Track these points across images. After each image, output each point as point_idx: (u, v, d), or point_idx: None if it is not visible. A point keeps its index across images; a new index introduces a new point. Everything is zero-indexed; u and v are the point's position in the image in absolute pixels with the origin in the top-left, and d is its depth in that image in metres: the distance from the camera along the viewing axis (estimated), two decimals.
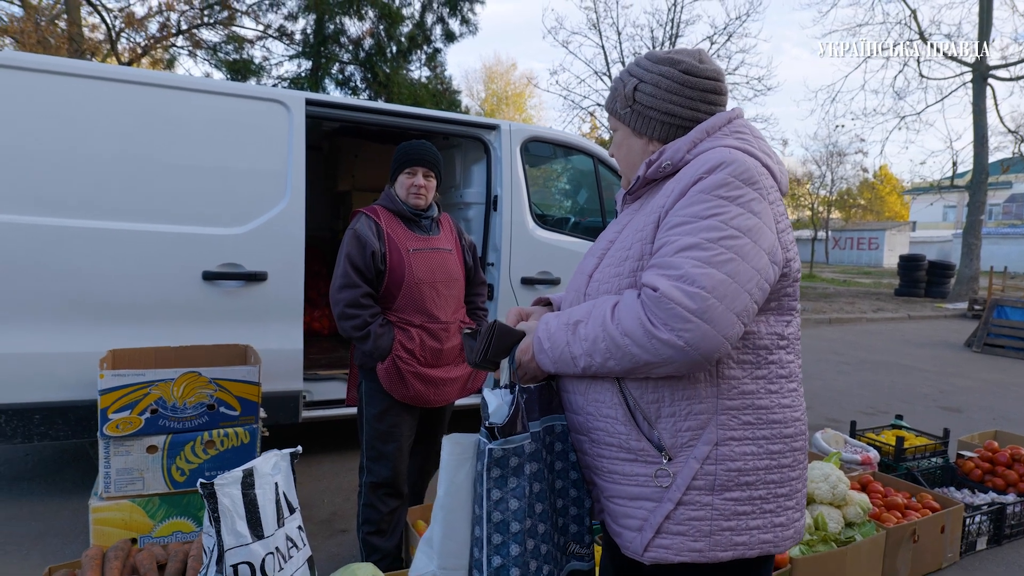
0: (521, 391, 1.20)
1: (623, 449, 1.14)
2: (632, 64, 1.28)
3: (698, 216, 1.05)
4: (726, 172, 1.06)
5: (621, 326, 1.06)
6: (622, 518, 1.15)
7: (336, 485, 3.47)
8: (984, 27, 15.18)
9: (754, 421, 1.11)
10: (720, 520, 1.09)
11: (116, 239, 2.92)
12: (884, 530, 2.57)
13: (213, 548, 1.59)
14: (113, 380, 2.40)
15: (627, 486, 1.14)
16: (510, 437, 1.15)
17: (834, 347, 8.91)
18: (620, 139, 1.30)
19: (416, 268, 2.34)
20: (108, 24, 11.57)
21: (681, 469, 1.09)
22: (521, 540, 1.13)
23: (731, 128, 1.19)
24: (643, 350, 1.03)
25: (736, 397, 1.10)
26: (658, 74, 1.21)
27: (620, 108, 1.26)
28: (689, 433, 1.10)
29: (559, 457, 1.23)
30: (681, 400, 1.10)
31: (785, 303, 1.15)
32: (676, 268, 1.02)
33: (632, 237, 1.17)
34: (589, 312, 1.13)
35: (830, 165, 30.40)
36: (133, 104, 2.98)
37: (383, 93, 10.73)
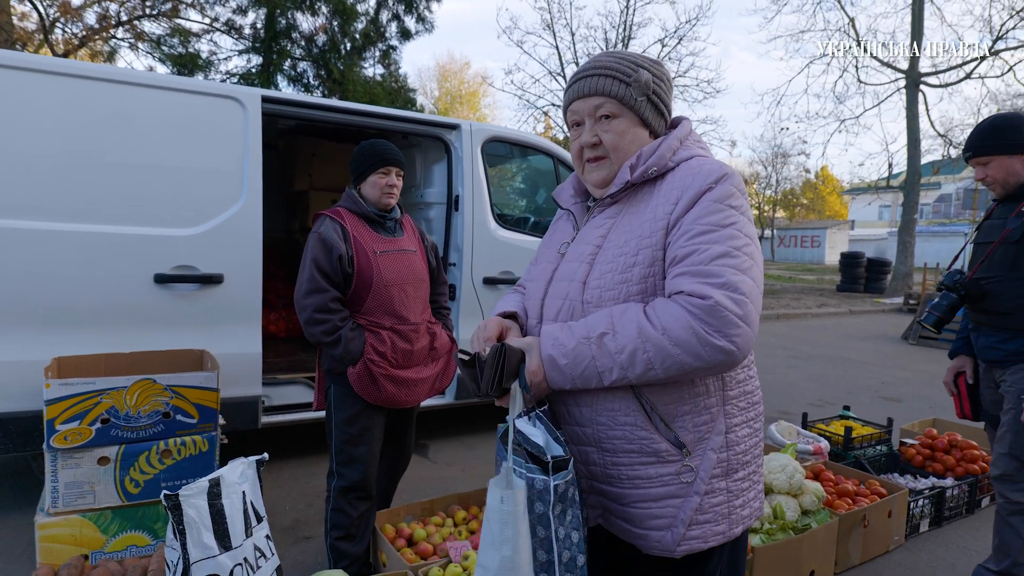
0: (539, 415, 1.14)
1: (644, 453, 1.16)
2: (626, 56, 1.28)
3: (720, 224, 1.12)
4: (730, 183, 1.15)
5: (670, 335, 1.07)
6: (648, 519, 1.17)
7: (298, 491, 3.40)
8: (916, 36, 16.02)
9: (746, 406, 1.23)
10: (733, 500, 1.19)
11: (60, 241, 2.77)
12: (837, 516, 2.68)
13: (177, 561, 1.54)
14: (60, 389, 2.28)
15: (651, 488, 1.16)
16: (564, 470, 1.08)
17: (783, 342, 9.25)
18: (623, 127, 1.26)
19: (384, 270, 2.32)
20: (41, 13, 10.96)
21: (701, 462, 1.16)
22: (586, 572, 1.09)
23: (693, 139, 1.29)
24: (696, 358, 1.06)
25: (735, 387, 1.21)
26: (663, 72, 1.29)
27: (636, 95, 1.24)
28: (704, 427, 1.17)
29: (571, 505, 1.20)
30: (695, 397, 1.16)
31: None
32: (718, 276, 1.07)
33: (635, 244, 1.17)
34: (611, 323, 1.12)
35: (775, 166, 31.57)
36: (78, 99, 2.83)
37: (337, 91, 10.52)
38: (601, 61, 1.27)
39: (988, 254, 2.32)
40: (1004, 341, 2.30)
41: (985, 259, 2.32)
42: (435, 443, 4.25)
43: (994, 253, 2.31)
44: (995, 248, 2.30)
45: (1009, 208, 2.35)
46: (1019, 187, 2.32)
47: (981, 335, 2.40)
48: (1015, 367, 2.29)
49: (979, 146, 2.33)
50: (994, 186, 2.36)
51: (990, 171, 2.33)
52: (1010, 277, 2.26)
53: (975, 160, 2.36)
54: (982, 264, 2.33)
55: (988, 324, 2.36)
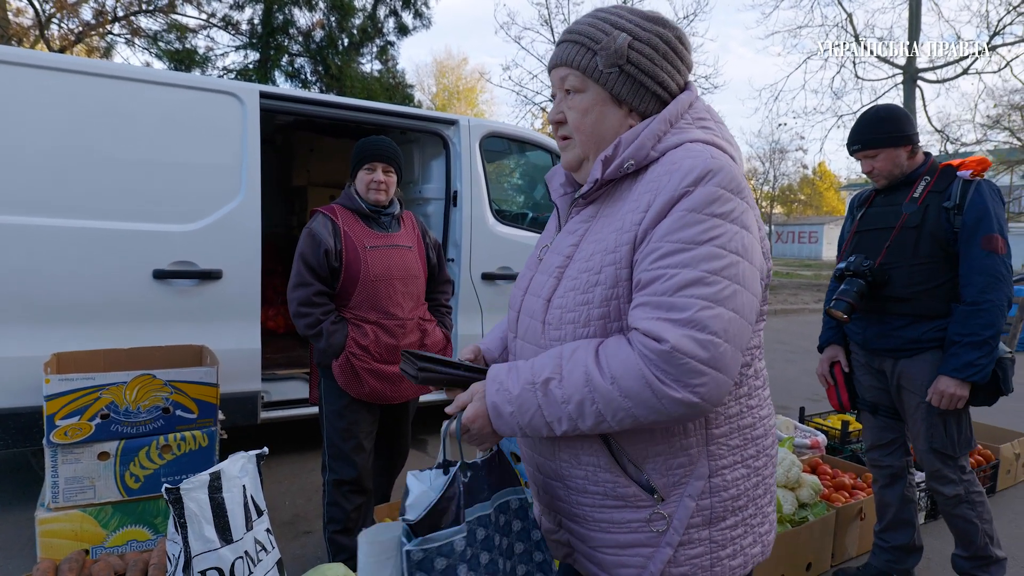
0: (463, 469, 1.01)
1: (609, 496, 1.02)
2: (605, 15, 1.04)
3: (694, 242, 0.90)
4: (714, 184, 0.92)
5: (619, 385, 0.89)
6: (616, 567, 1.04)
7: (297, 486, 3.41)
8: (913, 32, 16.02)
9: (741, 443, 1.03)
10: (719, 551, 1.02)
11: (60, 237, 2.77)
12: (834, 510, 2.70)
13: (179, 555, 1.55)
14: (60, 385, 2.28)
15: (618, 534, 1.02)
16: (432, 534, 0.96)
17: (780, 337, 9.27)
18: (588, 103, 1.05)
19: (372, 265, 2.33)
20: (36, 8, 10.90)
21: (676, 510, 0.99)
22: None
23: (693, 115, 1.04)
24: (650, 411, 0.89)
25: (723, 424, 1.01)
26: (654, 34, 1.03)
27: (603, 66, 1.02)
28: (681, 471, 0.99)
29: (519, 538, 1.07)
30: (670, 438, 0.99)
31: (762, 310, 1.05)
32: (681, 310, 0.88)
33: (600, 259, 1.00)
34: (559, 366, 0.95)
35: (773, 162, 31.57)
36: (78, 95, 2.83)
37: (335, 86, 10.50)
38: (578, 22, 1.07)
39: (892, 239, 2.26)
40: (900, 328, 2.25)
41: (889, 244, 2.26)
42: (433, 439, 4.26)
43: (894, 240, 2.26)
44: (895, 235, 2.25)
45: (894, 197, 2.31)
46: (901, 178, 2.30)
47: (871, 324, 2.34)
48: (916, 357, 2.24)
49: (868, 139, 2.27)
50: (879, 178, 2.32)
51: (877, 163, 2.29)
52: (910, 262, 2.21)
53: (863, 153, 2.31)
54: (887, 250, 2.27)
55: (882, 311, 2.29)
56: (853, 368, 2.52)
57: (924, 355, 2.22)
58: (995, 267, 2.09)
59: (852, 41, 17.21)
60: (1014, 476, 3.70)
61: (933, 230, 2.17)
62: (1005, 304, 2.11)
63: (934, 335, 2.20)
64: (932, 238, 2.17)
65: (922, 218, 2.20)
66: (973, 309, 2.10)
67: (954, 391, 2.12)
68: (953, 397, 2.13)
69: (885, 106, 2.31)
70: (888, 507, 2.51)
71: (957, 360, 2.11)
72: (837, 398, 2.54)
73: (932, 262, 2.18)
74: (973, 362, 2.08)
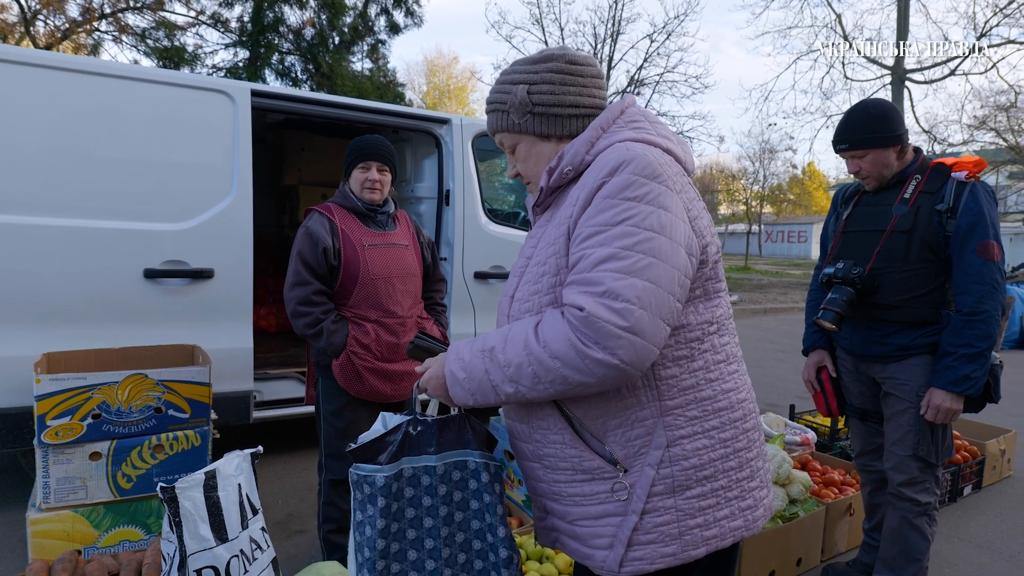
0: (413, 423, 1.18)
1: (577, 471, 1.11)
2: (505, 77, 1.20)
3: (609, 223, 1.01)
4: (628, 171, 1.02)
5: (549, 348, 1.00)
6: (591, 539, 1.12)
7: (290, 485, 3.40)
8: (901, 33, 16.18)
9: (700, 415, 1.09)
10: (687, 520, 1.07)
11: (49, 236, 2.75)
12: (824, 505, 2.73)
13: (174, 554, 1.55)
14: (51, 385, 2.27)
15: (589, 506, 1.11)
16: (362, 464, 1.15)
17: (770, 336, 9.34)
18: (525, 151, 1.21)
19: (371, 263, 2.33)
20: (22, 5, 10.78)
21: (638, 479, 1.07)
22: (371, 567, 1.12)
23: (625, 119, 1.15)
24: (576, 371, 0.98)
25: (677, 395, 1.08)
26: (546, 71, 1.16)
27: (517, 119, 1.17)
28: (639, 441, 1.07)
29: (475, 496, 1.19)
30: (624, 410, 1.07)
31: (710, 287, 1.12)
32: (597, 284, 0.98)
33: (546, 251, 1.12)
34: (505, 336, 1.07)
35: (763, 162, 31.76)
36: (66, 93, 2.80)
37: (326, 85, 10.45)
38: (490, 93, 1.22)
39: (882, 244, 2.15)
40: (889, 335, 2.16)
41: (880, 249, 2.15)
42: None
43: (884, 244, 2.15)
44: (886, 239, 2.14)
45: (883, 196, 2.21)
46: (892, 177, 2.19)
47: (859, 329, 2.25)
48: (906, 362, 2.15)
49: (857, 139, 2.14)
50: (868, 179, 2.21)
51: (865, 165, 2.16)
52: (901, 268, 2.10)
53: (849, 153, 2.18)
54: (877, 255, 2.15)
55: (871, 318, 2.19)
56: (841, 374, 2.44)
57: (914, 359, 2.15)
58: (991, 275, 2.00)
59: (841, 42, 17.36)
60: (999, 472, 3.76)
61: (924, 235, 2.08)
62: (1000, 314, 2.03)
63: (924, 340, 2.12)
64: (923, 243, 2.08)
65: (913, 222, 2.10)
66: (969, 320, 2.01)
67: (949, 405, 2.04)
68: (948, 411, 2.05)
69: (875, 102, 2.18)
70: (877, 508, 2.49)
71: (952, 373, 2.02)
72: (826, 404, 2.46)
73: (923, 268, 2.10)
74: (968, 375, 2.00)
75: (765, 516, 1.17)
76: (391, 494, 1.14)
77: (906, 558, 2.22)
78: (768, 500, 1.20)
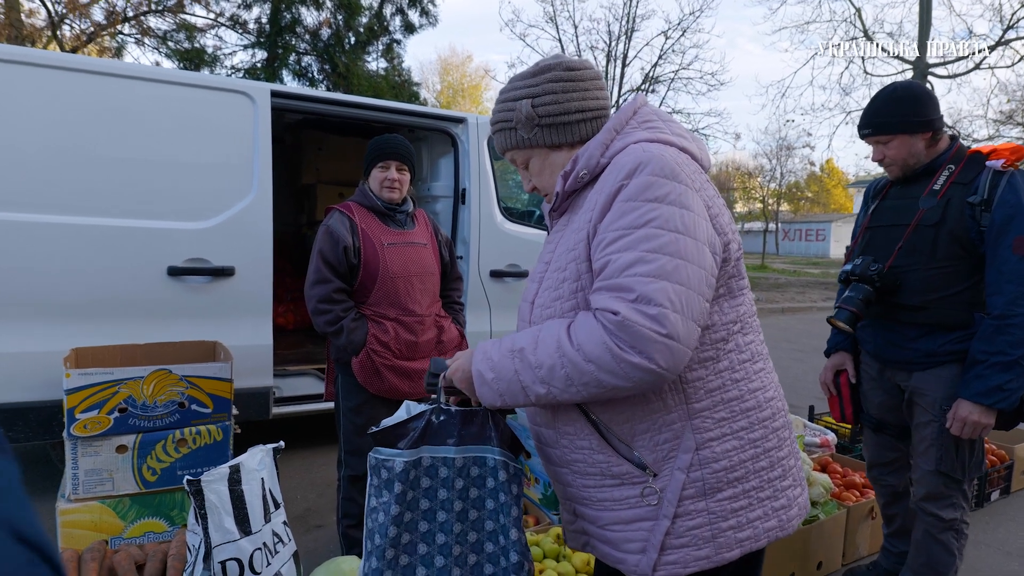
0: (437, 412, 1.19)
1: (606, 476, 1.10)
2: (505, 95, 1.19)
3: (632, 227, 1.00)
4: (647, 173, 1.01)
5: (584, 351, 0.99)
6: (623, 543, 1.11)
7: (308, 480, 3.45)
8: (924, 27, 15.90)
9: (728, 416, 1.08)
10: (719, 522, 1.06)
11: (76, 235, 2.82)
12: (845, 508, 2.71)
13: (199, 545, 1.58)
14: (80, 379, 2.32)
15: (620, 511, 1.11)
16: (383, 448, 1.16)
17: (788, 335, 9.25)
18: (539, 164, 1.21)
19: (390, 262, 2.35)
20: (49, 9, 11.00)
21: (668, 483, 1.06)
22: (380, 555, 1.12)
23: (638, 119, 1.14)
24: (611, 375, 0.97)
25: (704, 397, 1.07)
26: (546, 82, 1.15)
27: (526, 134, 1.17)
28: (667, 445, 1.07)
29: (491, 495, 1.18)
30: (652, 414, 1.07)
31: (733, 285, 1.11)
32: (629, 290, 0.97)
33: (565, 257, 1.11)
34: (536, 337, 1.06)
35: (780, 159, 31.43)
36: (92, 95, 2.87)
37: (342, 84, 10.54)
38: (493, 113, 1.22)
39: (905, 239, 1.99)
40: (914, 339, 2.00)
41: (902, 245, 1.99)
42: None
43: (907, 239, 1.99)
44: (909, 234, 1.98)
45: (912, 189, 2.05)
46: (919, 168, 2.02)
47: (881, 332, 2.10)
48: (931, 371, 1.99)
49: (880, 123, 1.99)
50: (892, 167, 2.05)
51: (890, 151, 2.01)
52: (927, 266, 1.94)
53: (874, 138, 2.03)
54: (899, 251, 2.00)
55: (893, 319, 2.04)
56: (861, 380, 2.29)
57: (940, 369, 1.98)
58: None
59: (861, 36, 17.11)
60: None
61: (954, 229, 1.90)
62: None
63: (953, 347, 1.94)
64: (952, 237, 1.90)
65: (942, 215, 1.92)
66: (1001, 324, 1.82)
67: (977, 418, 1.85)
68: (976, 425, 1.86)
69: (905, 84, 2.03)
70: (894, 518, 2.42)
71: (982, 383, 1.83)
72: (840, 410, 2.35)
73: (952, 265, 1.92)
74: (1001, 386, 1.81)
75: (800, 515, 1.16)
76: (408, 481, 1.14)
77: (932, 571, 2.12)
78: (803, 498, 1.18)
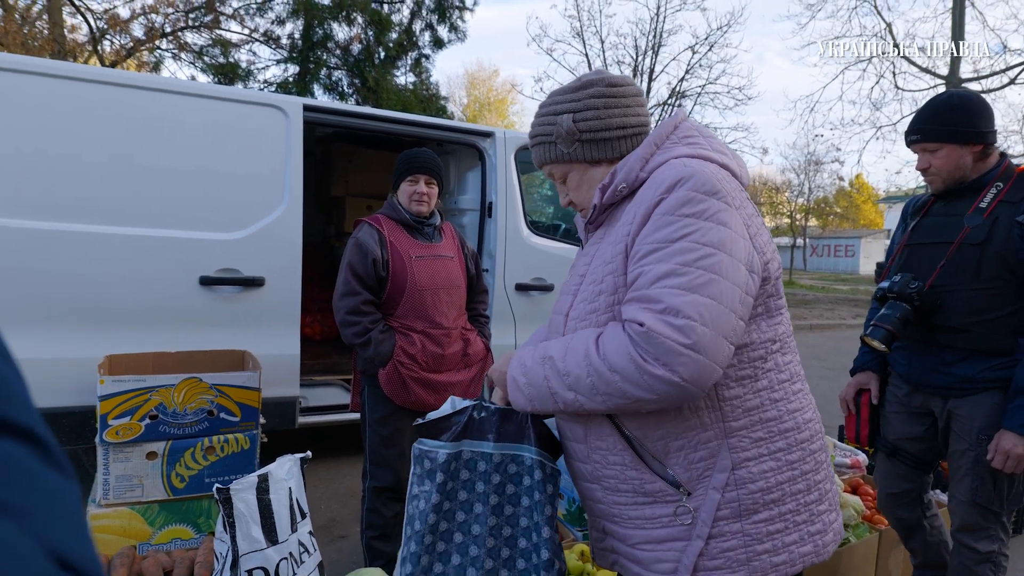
0: (478, 408, 1.24)
1: (639, 493, 1.09)
2: (546, 109, 1.20)
3: (668, 240, 0.99)
4: (686, 188, 1.01)
5: (608, 361, 0.99)
6: (654, 563, 1.09)
7: (333, 491, 3.46)
8: (957, 41, 15.62)
9: (765, 436, 1.06)
10: (754, 545, 1.04)
11: (112, 244, 2.89)
12: (877, 532, 2.63)
13: (227, 553, 1.59)
14: (114, 386, 2.37)
15: (652, 529, 1.09)
16: (427, 440, 1.22)
17: (816, 353, 9.07)
18: (577, 179, 1.21)
19: (418, 275, 2.37)
20: (91, 25, 11.42)
21: (702, 503, 1.04)
22: (419, 540, 1.18)
23: (679, 135, 1.14)
24: (636, 386, 0.97)
25: (741, 416, 1.05)
26: (588, 97, 1.15)
27: (566, 148, 1.17)
28: (703, 464, 1.05)
29: (527, 492, 1.21)
30: (687, 432, 1.05)
31: (772, 304, 1.10)
32: (657, 301, 0.96)
33: (602, 270, 1.11)
34: (566, 346, 1.07)
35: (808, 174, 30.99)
36: (130, 108, 2.96)
37: (371, 98, 10.72)
38: (533, 127, 1.23)
39: (948, 258, 1.91)
40: (952, 364, 1.92)
41: (945, 264, 1.91)
42: None
43: (951, 258, 1.91)
44: (953, 252, 1.90)
45: (957, 205, 1.96)
46: (962, 183, 1.95)
47: (917, 354, 2.02)
48: (969, 398, 1.91)
49: (930, 129, 1.91)
50: (935, 178, 1.97)
51: (937, 160, 1.93)
52: (970, 286, 1.86)
53: (921, 145, 1.95)
54: (941, 270, 1.92)
55: (931, 341, 1.96)
56: (887, 402, 2.20)
57: (980, 396, 1.89)
58: None
59: (892, 51, 16.87)
60: None
61: (1000, 249, 1.82)
62: None
63: (993, 374, 1.86)
64: (999, 258, 1.83)
65: (988, 233, 1.84)
66: None
67: (1022, 451, 1.78)
68: (1021, 458, 1.79)
69: (961, 93, 1.96)
70: (915, 552, 2.34)
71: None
72: (856, 430, 2.25)
73: (997, 287, 1.84)
74: None
75: (835, 540, 1.14)
76: (448, 472, 1.19)
77: None
78: (838, 523, 1.16)
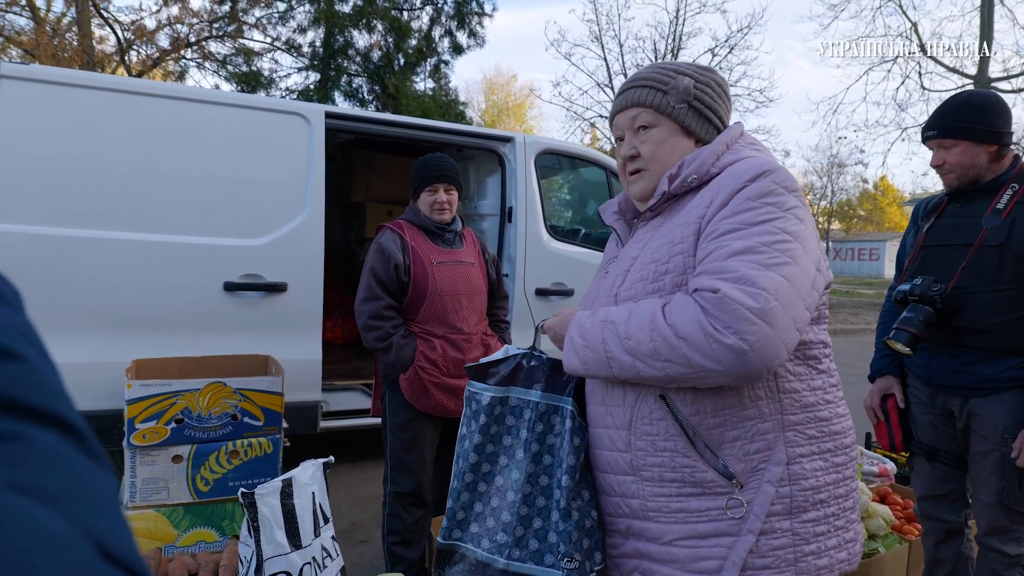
0: (528, 356, 1.27)
1: (687, 483, 1.04)
2: (668, 65, 1.22)
3: (748, 223, 1.00)
4: (770, 179, 1.04)
5: (676, 328, 0.97)
6: (693, 561, 1.04)
7: (354, 495, 3.48)
8: (985, 40, 15.30)
9: (818, 435, 1.06)
10: (802, 545, 1.02)
11: (139, 250, 2.95)
12: (907, 543, 2.57)
13: (251, 557, 1.61)
14: (140, 390, 2.41)
15: (696, 523, 1.04)
16: (475, 382, 1.26)
17: (841, 358, 8.91)
18: (661, 136, 1.18)
19: (439, 280, 2.37)
20: (118, 36, 11.70)
21: (756, 496, 1.01)
22: (460, 477, 1.23)
23: (745, 140, 1.19)
24: (702, 354, 0.95)
25: (799, 411, 1.05)
26: (710, 79, 1.20)
27: (674, 103, 1.17)
28: (759, 456, 1.02)
29: (562, 438, 1.21)
30: (745, 421, 1.03)
31: (822, 311, 1.12)
32: (732, 271, 0.96)
33: (667, 251, 1.09)
34: (629, 311, 1.05)
35: (831, 176, 30.55)
36: (156, 116, 3.02)
37: (391, 105, 10.81)
38: (641, 73, 1.23)
39: (968, 259, 1.92)
40: (973, 364, 1.93)
41: (966, 266, 1.92)
42: None
43: (971, 260, 1.92)
44: (973, 254, 1.91)
45: (970, 207, 1.98)
46: (975, 182, 1.96)
47: (937, 356, 2.02)
48: (991, 397, 1.91)
49: (948, 125, 1.93)
50: (949, 175, 1.98)
51: (951, 157, 1.94)
52: (990, 288, 1.87)
53: (937, 141, 1.96)
54: (963, 272, 1.93)
55: (952, 343, 1.97)
56: (911, 405, 2.19)
57: (1002, 395, 1.90)
58: None
59: (918, 51, 16.58)
60: None
61: (1020, 250, 1.85)
62: None
63: (1015, 373, 1.88)
64: (1018, 259, 1.85)
65: (1007, 235, 1.86)
66: None
67: None
68: None
69: (981, 92, 1.98)
70: (941, 564, 2.22)
71: None
72: (889, 437, 2.23)
73: (1017, 288, 1.86)
74: None
75: (860, 552, 1.13)
76: (493, 416, 1.23)
77: None
78: (861, 534, 1.16)
